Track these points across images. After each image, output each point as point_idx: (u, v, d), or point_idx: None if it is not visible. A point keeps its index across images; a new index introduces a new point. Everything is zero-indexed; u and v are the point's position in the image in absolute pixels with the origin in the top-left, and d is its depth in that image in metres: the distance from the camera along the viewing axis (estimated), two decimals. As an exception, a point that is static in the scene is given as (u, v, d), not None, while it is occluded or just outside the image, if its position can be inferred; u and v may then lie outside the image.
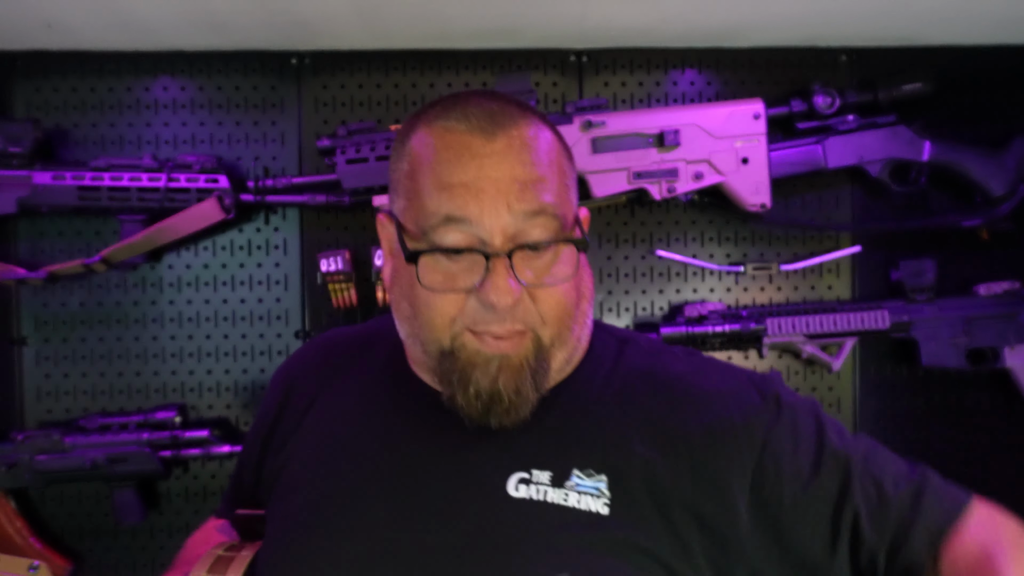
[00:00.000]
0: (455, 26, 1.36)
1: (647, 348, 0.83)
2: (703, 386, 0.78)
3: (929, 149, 1.43)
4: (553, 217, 0.70)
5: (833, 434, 0.76)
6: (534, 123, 0.74)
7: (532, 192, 0.69)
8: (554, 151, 0.74)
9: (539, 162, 0.71)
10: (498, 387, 0.71)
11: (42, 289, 1.45)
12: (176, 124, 1.46)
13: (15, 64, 1.44)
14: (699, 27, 1.39)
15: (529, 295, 0.71)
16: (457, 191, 0.69)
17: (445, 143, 0.71)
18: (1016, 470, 1.52)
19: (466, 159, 0.70)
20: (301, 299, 1.47)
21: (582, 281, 0.76)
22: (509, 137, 0.71)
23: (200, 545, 0.89)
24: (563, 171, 0.74)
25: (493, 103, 0.73)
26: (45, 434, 1.37)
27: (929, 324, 1.43)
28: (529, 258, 0.70)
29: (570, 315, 0.73)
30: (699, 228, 1.50)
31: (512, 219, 0.69)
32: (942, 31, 1.44)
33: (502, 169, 0.69)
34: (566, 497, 0.71)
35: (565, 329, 0.73)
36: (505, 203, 0.68)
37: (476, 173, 0.69)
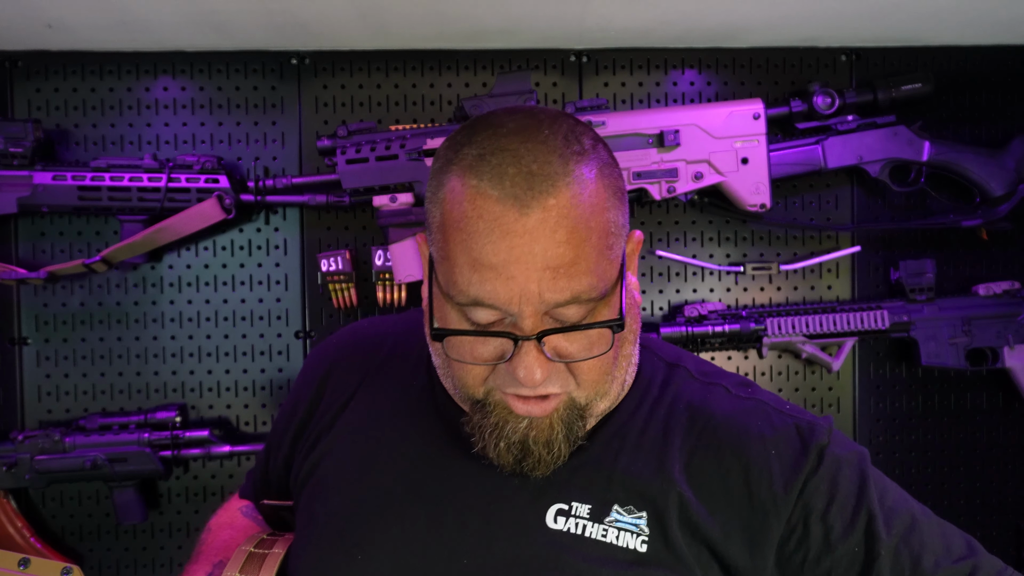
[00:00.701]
0: (455, 26, 1.36)
1: (697, 375, 0.80)
2: (748, 430, 0.75)
3: (929, 149, 1.43)
4: (587, 301, 0.66)
5: (875, 495, 0.73)
6: (578, 181, 0.66)
7: (564, 280, 0.64)
8: (597, 213, 0.67)
9: (575, 239, 0.64)
10: (528, 442, 0.69)
11: (42, 289, 1.45)
12: (176, 124, 1.46)
13: (15, 64, 1.44)
14: (699, 27, 1.39)
15: (567, 364, 0.68)
16: (487, 275, 0.65)
17: (477, 211, 0.65)
18: (1016, 470, 1.52)
19: (497, 237, 0.64)
20: (301, 299, 1.47)
21: (629, 332, 0.73)
22: (545, 210, 0.64)
23: (224, 528, 0.88)
24: (607, 232, 0.67)
25: (532, 156, 0.65)
26: (45, 434, 1.37)
27: (929, 324, 1.43)
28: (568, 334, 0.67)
29: (607, 374, 0.71)
30: (699, 228, 1.50)
31: (543, 306, 0.65)
32: (942, 31, 1.44)
33: (534, 253, 0.63)
34: (605, 533, 0.71)
35: (605, 384, 0.71)
36: (537, 291, 0.64)
37: (507, 255, 0.64)
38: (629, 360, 0.75)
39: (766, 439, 0.74)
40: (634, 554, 0.70)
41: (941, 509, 1.51)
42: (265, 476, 0.92)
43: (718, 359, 1.49)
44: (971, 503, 1.52)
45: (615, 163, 0.73)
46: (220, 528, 0.90)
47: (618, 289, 0.69)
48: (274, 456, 0.90)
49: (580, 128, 0.71)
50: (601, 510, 0.72)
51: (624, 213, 0.71)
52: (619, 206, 0.70)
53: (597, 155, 0.69)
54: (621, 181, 0.72)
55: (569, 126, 0.70)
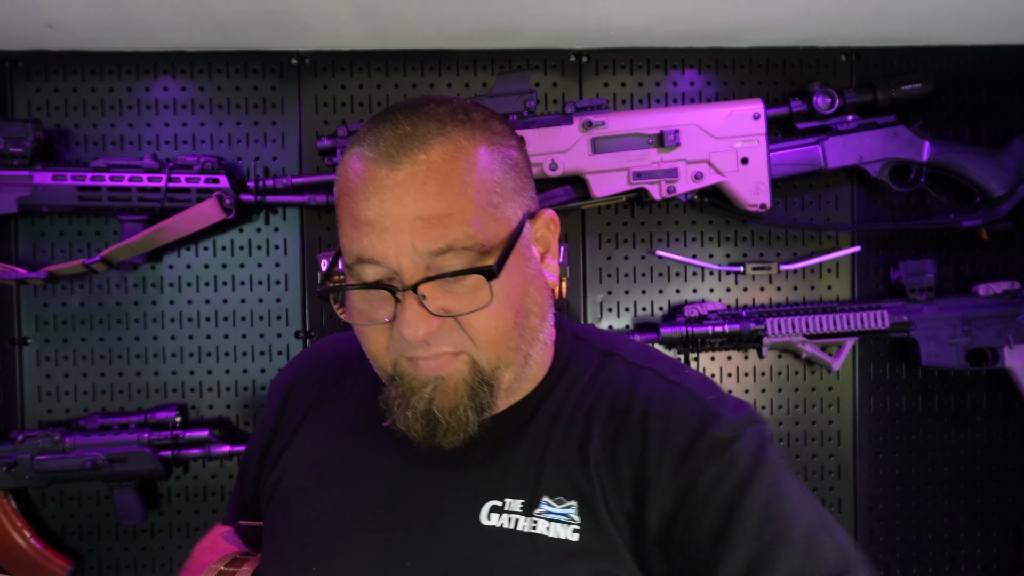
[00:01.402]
0: (455, 26, 1.36)
1: (630, 359, 0.79)
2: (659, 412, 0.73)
3: (929, 149, 1.43)
4: (464, 249, 0.67)
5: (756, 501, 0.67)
6: (453, 141, 0.68)
7: (436, 229, 0.66)
8: (475, 170, 0.68)
9: (447, 191, 0.66)
10: (433, 409, 0.70)
11: (42, 289, 1.45)
12: (176, 124, 1.46)
13: (16, 64, 1.44)
14: (699, 27, 1.39)
15: (457, 320, 0.69)
16: (364, 230, 0.67)
17: (356, 172, 0.69)
18: (1016, 470, 1.52)
19: (370, 193, 0.67)
20: (301, 299, 1.47)
21: (526, 298, 0.72)
22: (413, 164, 0.67)
23: (206, 552, 0.89)
24: (488, 189, 0.69)
25: (410, 122, 0.69)
26: (45, 434, 1.37)
27: (929, 324, 1.43)
28: (448, 284, 0.68)
29: (508, 336, 0.70)
30: (699, 228, 1.50)
31: (419, 257, 0.66)
32: (942, 31, 1.44)
33: (404, 204, 0.66)
34: (535, 525, 0.71)
35: (506, 350, 0.71)
36: (409, 241, 0.66)
37: (379, 210, 0.67)
38: (534, 335, 0.74)
39: (672, 421, 0.72)
40: (566, 544, 0.69)
41: (941, 509, 1.52)
42: (242, 500, 0.93)
43: (718, 359, 1.49)
44: (971, 503, 1.52)
45: (517, 144, 0.75)
46: (201, 553, 0.91)
47: (504, 250, 0.69)
48: (247, 479, 0.91)
49: (480, 110, 0.73)
50: (532, 503, 0.72)
51: (523, 186, 0.73)
52: (511, 175, 0.72)
53: (487, 128, 0.72)
54: (520, 158, 0.74)
55: (465, 106, 0.73)
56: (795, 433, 1.50)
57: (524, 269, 0.72)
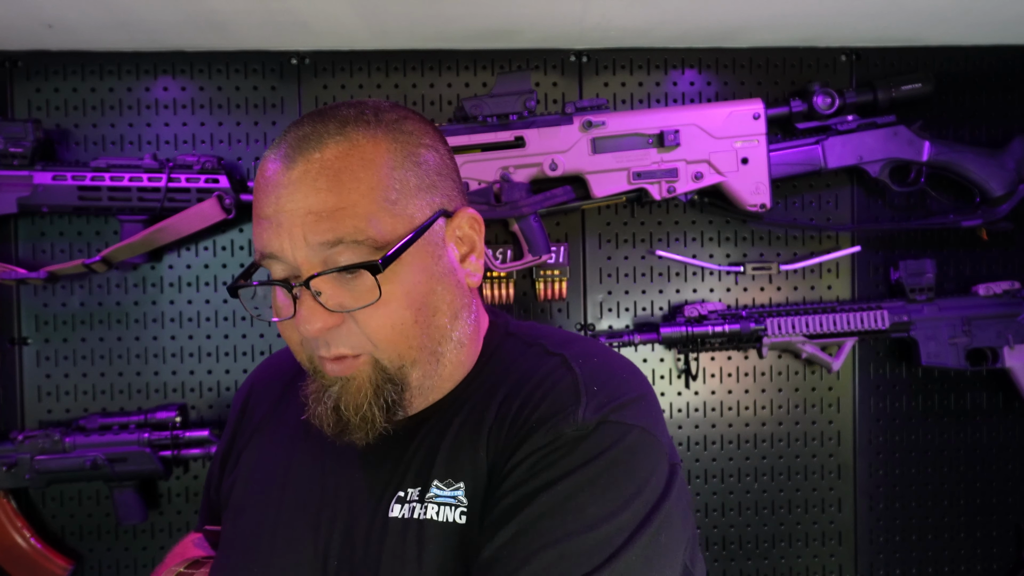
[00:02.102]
0: (455, 26, 1.36)
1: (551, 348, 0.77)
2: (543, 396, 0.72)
3: (929, 149, 1.43)
4: (356, 243, 0.67)
5: (567, 486, 0.66)
6: (349, 140, 0.70)
7: (327, 223, 0.67)
8: (371, 167, 0.69)
9: (338, 187, 0.68)
10: (340, 406, 0.71)
11: (42, 289, 1.45)
12: (176, 124, 1.46)
13: (16, 64, 1.44)
14: (699, 27, 1.39)
15: (351, 319, 0.69)
16: (263, 226, 0.70)
17: (261, 173, 0.72)
18: (1016, 470, 1.52)
19: (269, 191, 0.70)
20: (301, 299, 1.47)
21: (431, 296, 0.72)
22: (307, 162, 0.69)
23: (176, 557, 0.90)
24: (385, 186, 0.70)
25: (312, 125, 0.71)
26: (45, 434, 1.37)
27: (929, 324, 1.43)
28: (345, 281, 0.69)
29: (407, 335, 0.71)
30: (699, 228, 1.50)
31: (311, 252, 0.68)
32: (942, 31, 1.44)
33: (296, 200, 0.68)
34: (425, 510, 0.71)
35: (408, 349, 0.71)
36: (301, 236, 0.68)
37: (275, 206, 0.69)
38: (444, 334, 0.74)
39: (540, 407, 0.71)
40: (454, 526, 0.70)
41: (941, 509, 1.52)
42: (209, 505, 0.94)
43: (718, 359, 1.49)
44: (971, 503, 1.52)
45: (432, 144, 0.75)
46: (172, 558, 0.92)
47: (399, 247, 0.69)
48: (213, 485, 0.92)
49: (396, 111, 0.75)
50: (425, 488, 0.73)
51: (432, 184, 0.74)
52: (415, 172, 0.72)
53: (395, 127, 0.73)
54: (432, 157, 0.75)
55: (379, 107, 0.74)
56: (795, 433, 1.50)
57: (430, 266, 0.72)
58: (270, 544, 0.77)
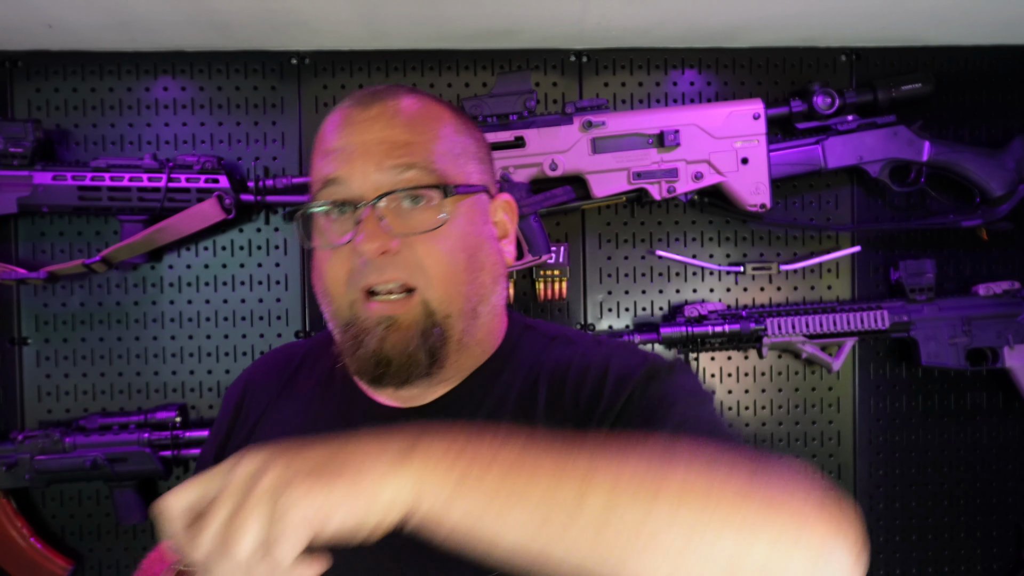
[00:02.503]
0: (455, 26, 1.36)
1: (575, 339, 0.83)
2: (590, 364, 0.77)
3: (929, 149, 1.43)
4: (426, 172, 0.73)
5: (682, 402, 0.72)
6: (421, 99, 0.77)
7: (402, 150, 0.72)
8: (440, 123, 0.76)
9: (413, 127, 0.74)
10: (385, 348, 0.72)
11: (42, 289, 1.45)
12: (176, 124, 1.46)
13: (16, 64, 1.44)
14: (699, 27, 1.39)
15: (410, 248, 0.72)
16: (332, 156, 0.74)
17: (330, 119, 0.77)
18: (1016, 470, 1.52)
19: (343, 127, 0.75)
20: (301, 299, 1.47)
21: (479, 252, 0.76)
22: (383, 105, 0.75)
23: (156, 563, 0.90)
24: (451, 141, 0.76)
25: (384, 86, 0.79)
26: (45, 434, 1.36)
27: (929, 324, 1.43)
28: (407, 214, 0.73)
29: (458, 278, 0.74)
30: (699, 228, 1.50)
31: (382, 176, 0.72)
32: (942, 31, 1.44)
33: (372, 132, 0.73)
34: None
35: (456, 295, 0.74)
36: (374, 162, 0.72)
37: (348, 139, 0.74)
38: (485, 293, 0.77)
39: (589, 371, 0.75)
40: None
41: (941, 509, 1.52)
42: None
43: (718, 359, 1.49)
44: (971, 503, 1.52)
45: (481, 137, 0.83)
46: (151, 564, 0.91)
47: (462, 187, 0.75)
48: None
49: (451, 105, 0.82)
50: None
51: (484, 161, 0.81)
52: (474, 145, 0.80)
53: (456, 110, 0.81)
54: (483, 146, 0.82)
55: (440, 99, 0.82)
56: (795, 433, 1.50)
57: (480, 226, 0.77)
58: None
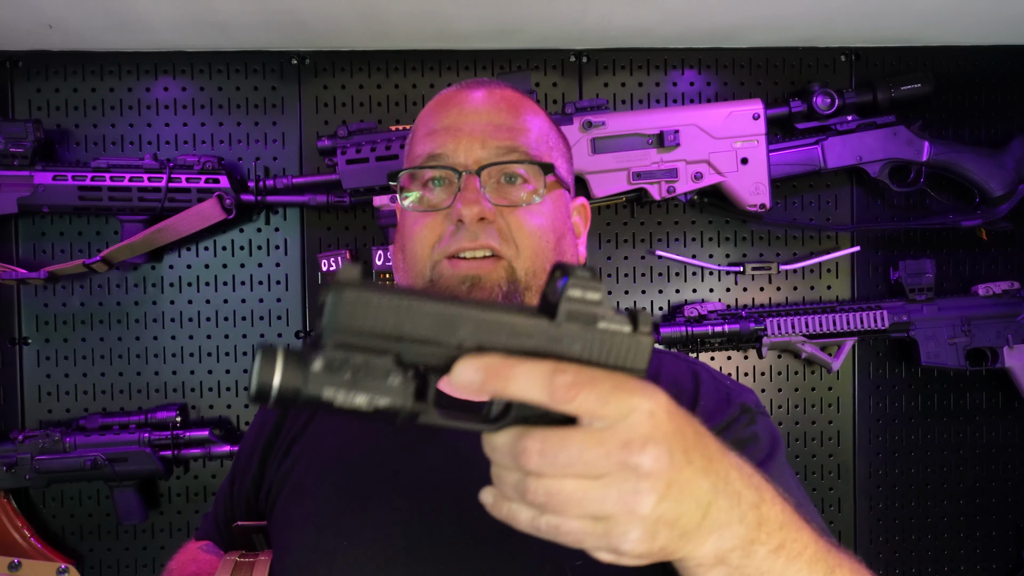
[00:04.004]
0: (455, 26, 1.36)
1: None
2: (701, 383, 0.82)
3: (928, 149, 1.43)
4: (526, 155, 0.77)
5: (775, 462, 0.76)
6: (519, 94, 0.82)
7: (507, 132, 0.77)
8: (537, 117, 0.81)
9: (516, 115, 0.79)
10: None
11: (42, 289, 1.45)
12: (177, 124, 1.46)
13: (16, 64, 1.44)
14: (699, 27, 1.39)
15: (504, 220, 0.76)
16: (439, 133, 0.78)
17: (438, 101, 0.82)
18: (1016, 470, 1.52)
19: (451, 107, 0.80)
20: (301, 299, 1.47)
21: (564, 238, 0.81)
22: (490, 92, 0.80)
23: (189, 564, 0.89)
24: (545, 134, 0.81)
25: (483, 80, 0.84)
26: (45, 434, 1.37)
27: (928, 324, 1.43)
28: (506, 189, 0.77)
29: (544, 255, 0.77)
30: (699, 228, 1.50)
31: (486, 152, 0.76)
32: (942, 31, 1.44)
33: (480, 114, 0.78)
34: None
35: (540, 269, 0.77)
36: (480, 140, 0.76)
37: (456, 118, 0.78)
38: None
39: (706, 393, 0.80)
40: None
41: (941, 509, 1.52)
42: (229, 505, 0.92)
43: (718, 359, 1.49)
44: (971, 503, 1.52)
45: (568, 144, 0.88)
46: (184, 565, 0.90)
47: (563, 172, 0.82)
48: (240, 479, 0.90)
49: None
50: None
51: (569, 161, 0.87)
52: (561, 146, 0.86)
53: (543, 110, 0.86)
54: (568, 146, 0.88)
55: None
56: (795, 433, 1.50)
57: (565, 217, 0.82)
58: (354, 517, 0.76)
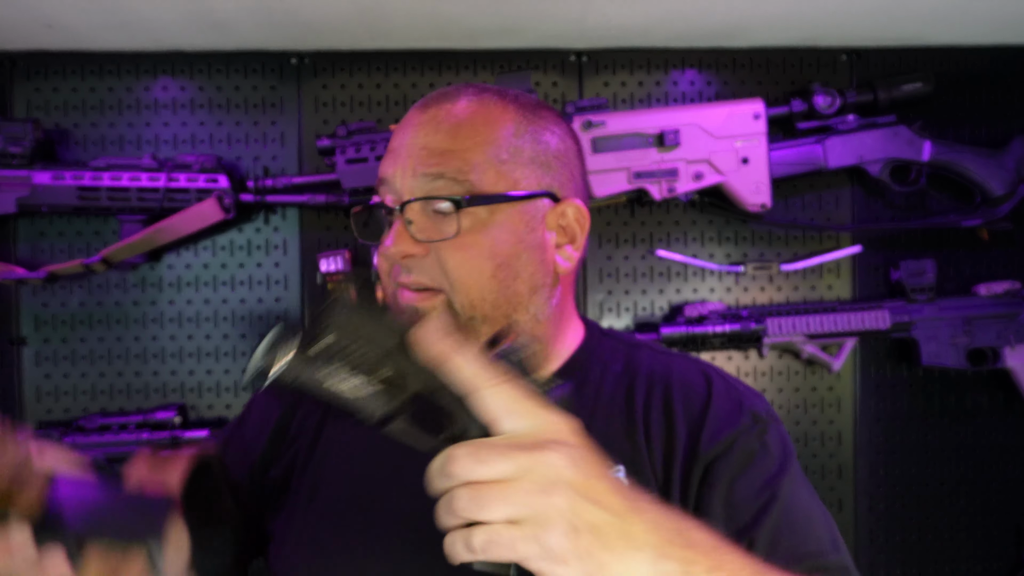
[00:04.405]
0: (455, 26, 1.36)
1: (658, 350, 0.87)
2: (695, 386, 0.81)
3: (929, 149, 1.43)
4: (455, 182, 0.74)
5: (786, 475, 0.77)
6: (481, 102, 0.78)
7: (435, 158, 0.75)
8: (491, 126, 0.77)
9: (456, 133, 0.76)
10: None
11: (42, 289, 1.45)
12: (176, 124, 1.46)
13: (15, 64, 1.44)
14: (699, 27, 1.39)
15: (436, 253, 0.75)
16: (388, 155, 0.78)
17: (404, 118, 0.81)
18: (1016, 470, 1.52)
19: (401, 128, 0.79)
20: (301, 299, 1.47)
21: (515, 260, 0.77)
22: (438, 110, 0.77)
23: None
24: (499, 146, 0.76)
25: (457, 87, 0.80)
26: (45, 434, 1.36)
27: (929, 324, 1.43)
28: (438, 221, 0.75)
29: (482, 285, 0.75)
30: (699, 228, 1.50)
31: (415, 182, 0.75)
32: (942, 31, 1.44)
33: (417, 136, 0.76)
34: None
35: (480, 301, 0.75)
36: (410, 168, 0.75)
37: (400, 141, 0.77)
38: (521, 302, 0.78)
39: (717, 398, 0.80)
40: None
41: (941, 509, 1.52)
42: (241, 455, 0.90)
43: (718, 359, 1.49)
44: (971, 503, 1.52)
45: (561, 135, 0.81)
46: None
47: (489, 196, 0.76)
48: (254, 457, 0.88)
49: (538, 101, 0.82)
50: None
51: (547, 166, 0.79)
52: (533, 149, 0.79)
53: (530, 110, 0.80)
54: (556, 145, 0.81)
55: (523, 94, 0.82)
56: (795, 433, 1.50)
57: (521, 233, 0.77)
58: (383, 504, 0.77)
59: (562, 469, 0.51)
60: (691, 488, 0.75)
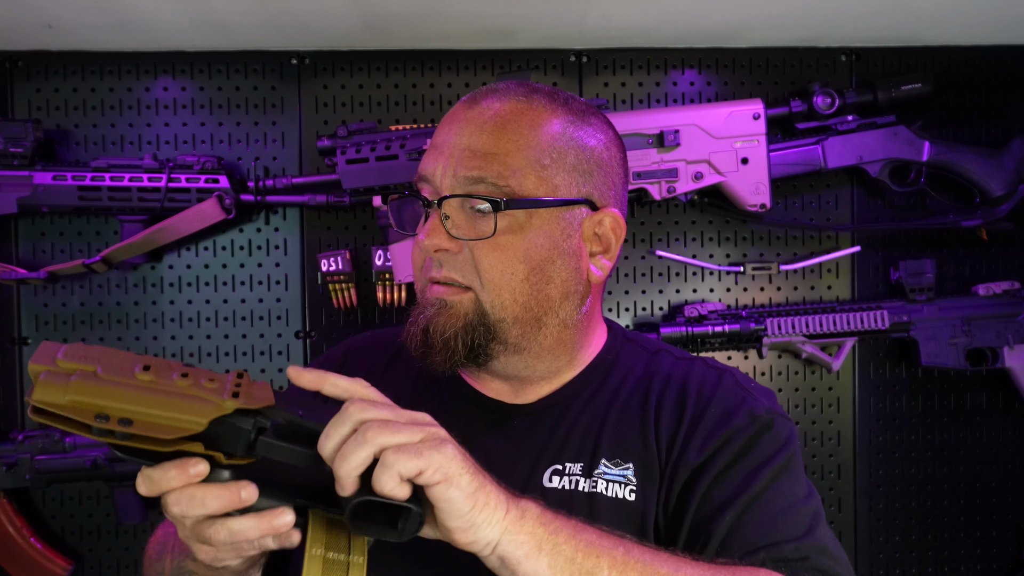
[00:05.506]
0: (455, 26, 1.36)
1: (679, 356, 0.88)
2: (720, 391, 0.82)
3: (928, 149, 1.43)
4: (495, 187, 0.75)
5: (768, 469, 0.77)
6: (529, 103, 0.78)
7: (477, 160, 0.75)
8: (536, 130, 0.77)
9: (501, 135, 0.76)
10: (429, 327, 0.76)
11: (42, 289, 1.45)
12: (176, 124, 1.46)
13: (16, 64, 1.44)
14: (699, 27, 1.39)
15: (469, 251, 0.76)
16: (431, 150, 0.78)
17: (451, 110, 0.80)
18: (1016, 470, 1.52)
19: (445, 123, 0.79)
20: (301, 299, 1.47)
21: (548, 265, 0.77)
22: (484, 109, 0.77)
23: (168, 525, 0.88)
24: (542, 151, 0.76)
25: (507, 84, 0.80)
26: (45, 434, 1.36)
27: (929, 324, 1.43)
28: (475, 219, 0.76)
29: (513, 287, 0.76)
30: (699, 228, 1.50)
31: (455, 182, 0.75)
32: (942, 31, 1.44)
33: (462, 136, 0.76)
34: (595, 485, 0.77)
35: (511, 302, 0.76)
36: (452, 167, 0.75)
37: (444, 137, 0.77)
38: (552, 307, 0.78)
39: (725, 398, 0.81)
40: (623, 503, 0.77)
41: (941, 509, 1.52)
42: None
43: (718, 359, 1.49)
44: (971, 503, 1.52)
45: (607, 143, 0.82)
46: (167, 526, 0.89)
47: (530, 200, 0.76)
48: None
49: (586, 106, 0.82)
50: (591, 465, 0.78)
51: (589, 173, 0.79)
52: (576, 155, 0.79)
53: (578, 115, 0.80)
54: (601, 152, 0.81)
55: (573, 97, 0.82)
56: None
57: (557, 239, 0.77)
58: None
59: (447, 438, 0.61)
60: (674, 489, 0.77)
